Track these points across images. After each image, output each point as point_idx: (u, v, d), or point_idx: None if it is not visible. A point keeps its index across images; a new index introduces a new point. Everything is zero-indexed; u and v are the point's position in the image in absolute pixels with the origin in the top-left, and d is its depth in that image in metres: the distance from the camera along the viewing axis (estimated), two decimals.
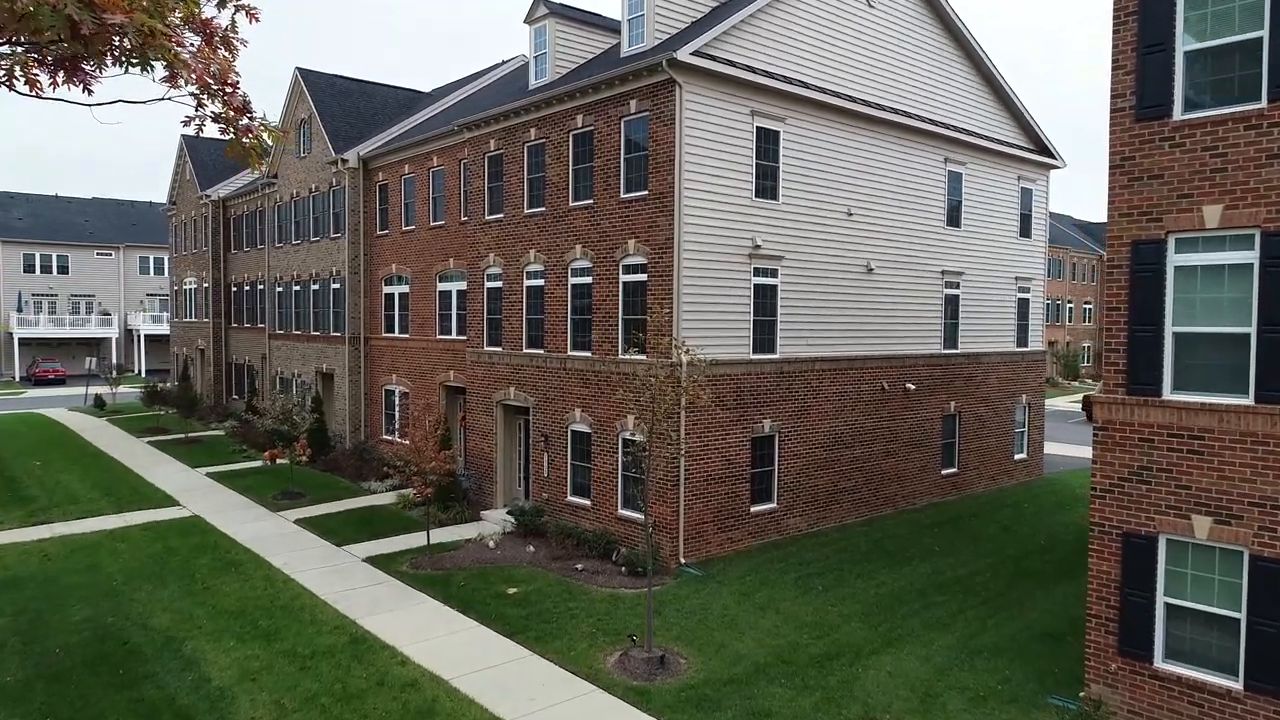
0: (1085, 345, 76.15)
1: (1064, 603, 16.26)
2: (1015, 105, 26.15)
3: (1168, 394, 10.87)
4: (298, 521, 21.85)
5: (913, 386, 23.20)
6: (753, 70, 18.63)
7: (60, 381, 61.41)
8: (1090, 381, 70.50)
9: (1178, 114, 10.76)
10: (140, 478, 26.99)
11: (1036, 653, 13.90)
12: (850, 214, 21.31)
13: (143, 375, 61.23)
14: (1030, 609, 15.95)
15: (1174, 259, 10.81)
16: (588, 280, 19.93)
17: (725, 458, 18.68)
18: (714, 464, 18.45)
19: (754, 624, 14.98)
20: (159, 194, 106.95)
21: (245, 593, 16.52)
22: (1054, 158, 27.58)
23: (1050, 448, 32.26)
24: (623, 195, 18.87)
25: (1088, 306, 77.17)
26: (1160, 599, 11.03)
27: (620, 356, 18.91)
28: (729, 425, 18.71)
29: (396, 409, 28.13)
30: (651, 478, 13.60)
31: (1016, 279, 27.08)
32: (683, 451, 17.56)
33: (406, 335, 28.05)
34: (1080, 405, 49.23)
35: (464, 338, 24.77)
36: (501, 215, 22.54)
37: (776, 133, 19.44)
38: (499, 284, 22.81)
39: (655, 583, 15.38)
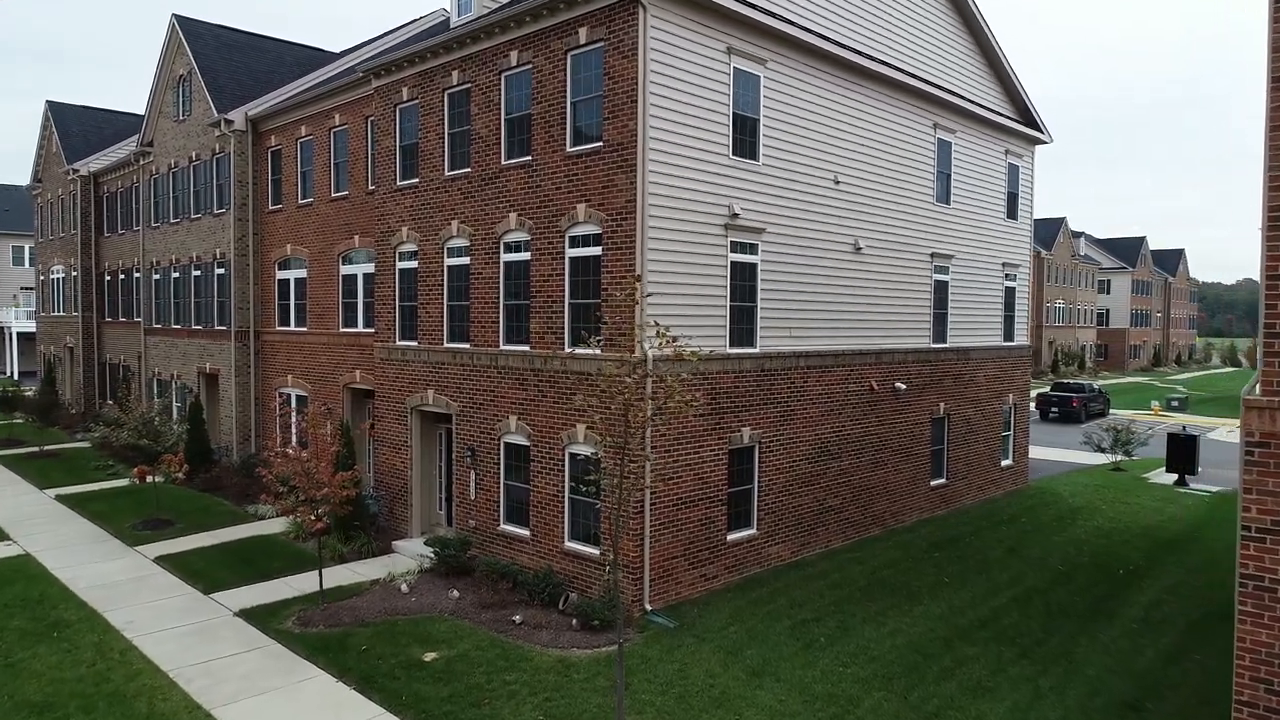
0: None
1: (1120, 653, 13.17)
2: (1004, 69, 23.25)
3: None
4: (160, 559, 17.45)
5: (903, 386, 20.01)
6: None
7: None
8: (1034, 380, 69.32)
9: None
10: None
11: None
12: (838, 182, 17.95)
13: (14, 378, 54.53)
14: (1084, 663, 12.81)
15: None
16: (525, 256, 16.09)
17: (699, 476, 15.08)
18: (686, 484, 14.83)
19: (750, 699, 11.42)
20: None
21: (63, 671, 12.19)
22: (1042, 131, 24.83)
23: None
24: (569, 149, 15.09)
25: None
26: None
27: (568, 351, 15.14)
28: (703, 436, 15.12)
29: (293, 416, 23.72)
30: (615, 506, 9.93)
31: (1004, 265, 24.23)
32: (649, 470, 13.88)
33: (304, 329, 23.65)
34: (1035, 403, 47.72)
35: (373, 330, 20.62)
36: (417, 180, 18.48)
37: (757, 77, 15.94)
38: (414, 264, 18.74)
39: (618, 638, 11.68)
